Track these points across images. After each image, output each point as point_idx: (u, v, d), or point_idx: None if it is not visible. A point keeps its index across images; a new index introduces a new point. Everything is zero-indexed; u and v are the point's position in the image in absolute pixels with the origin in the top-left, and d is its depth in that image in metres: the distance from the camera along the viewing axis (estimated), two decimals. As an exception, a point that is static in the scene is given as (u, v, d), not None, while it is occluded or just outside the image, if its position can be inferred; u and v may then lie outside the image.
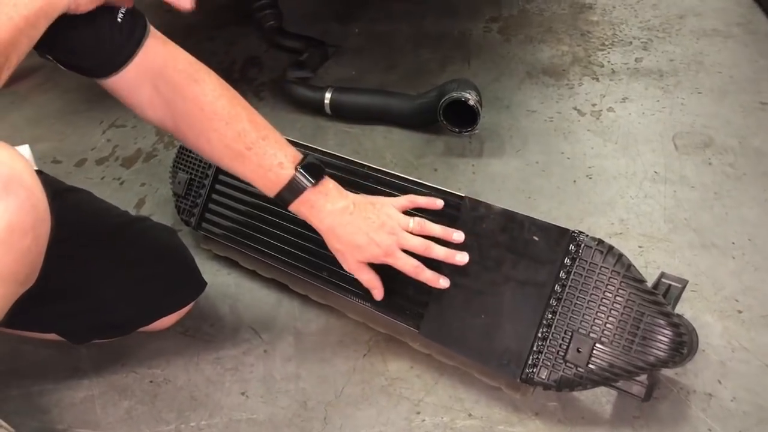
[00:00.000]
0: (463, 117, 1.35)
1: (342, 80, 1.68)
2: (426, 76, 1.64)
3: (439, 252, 0.90)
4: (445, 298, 0.92)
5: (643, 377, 0.82)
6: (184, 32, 2.01)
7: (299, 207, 0.89)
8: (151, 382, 1.01)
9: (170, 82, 0.87)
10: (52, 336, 0.99)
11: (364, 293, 0.97)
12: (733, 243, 1.09)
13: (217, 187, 1.18)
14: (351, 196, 0.91)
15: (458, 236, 0.92)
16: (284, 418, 0.94)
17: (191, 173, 1.21)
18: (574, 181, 1.26)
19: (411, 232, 0.91)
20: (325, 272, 1.03)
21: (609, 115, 1.42)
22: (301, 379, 0.99)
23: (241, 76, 1.78)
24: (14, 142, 1.49)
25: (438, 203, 0.95)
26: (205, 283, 1.05)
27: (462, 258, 0.90)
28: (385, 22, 1.93)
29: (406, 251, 0.90)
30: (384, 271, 0.93)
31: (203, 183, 1.20)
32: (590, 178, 1.26)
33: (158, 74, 0.87)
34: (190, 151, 1.23)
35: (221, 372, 1.01)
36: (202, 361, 1.03)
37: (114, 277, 0.96)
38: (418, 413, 0.92)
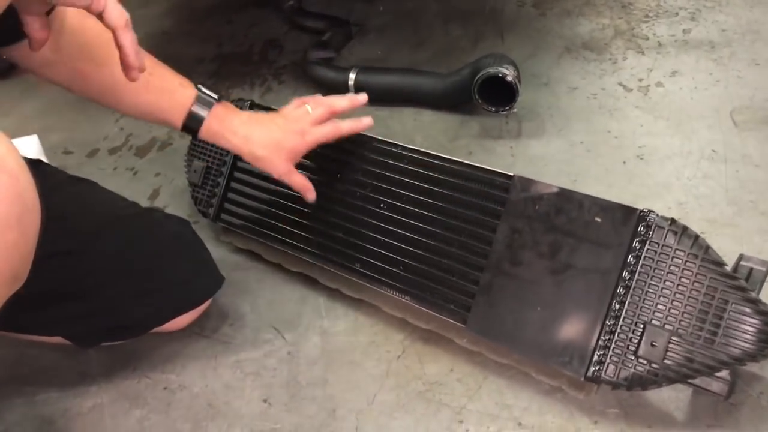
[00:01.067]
0: (500, 95, 1.23)
1: (367, 60, 1.57)
2: (457, 53, 1.53)
3: (345, 125, 0.95)
4: (495, 289, 0.82)
5: (724, 372, 0.72)
6: (201, 15, 1.92)
7: (210, 125, 0.91)
8: (165, 388, 0.93)
9: (68, 20, 0.84)
10: (58, 339, 0.91)
11: (404, 286, 0.89)
12: (809, 227, 0.97)
13: (236, 174, 1.10)
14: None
15: (363, 97, 0.97)
16: (311, 428, 0.85)
17: (208, 160, 1.13)
18: (624, 162, 1.15)
19: (317, 119, 0.94)
20: (358, 264, 0.94)
21: (658, 91, 1.30)
22: (328, 384, 0.89)
23: (260, 59, 1.69)
24: (24, 133, 1.43)
25: (361, 99, 0.98)
26: (223, 278, 0.97)
27: (368, 121, 0.96)
28: (411, -3, 1.82)
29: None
30: (421, 261, 0.86)
31: (221, 171, 1.11)
32: (641, 158, 1.15)
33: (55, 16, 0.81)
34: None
35: (241, 377, 0.92)
36: (220, 364, 0.95)
37: (123, 273, 0.88)
38: (461, 422, 0.82)
